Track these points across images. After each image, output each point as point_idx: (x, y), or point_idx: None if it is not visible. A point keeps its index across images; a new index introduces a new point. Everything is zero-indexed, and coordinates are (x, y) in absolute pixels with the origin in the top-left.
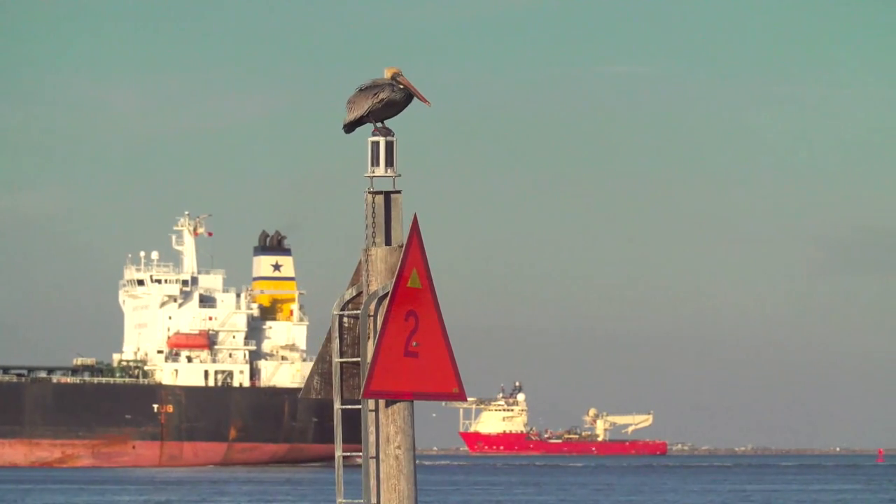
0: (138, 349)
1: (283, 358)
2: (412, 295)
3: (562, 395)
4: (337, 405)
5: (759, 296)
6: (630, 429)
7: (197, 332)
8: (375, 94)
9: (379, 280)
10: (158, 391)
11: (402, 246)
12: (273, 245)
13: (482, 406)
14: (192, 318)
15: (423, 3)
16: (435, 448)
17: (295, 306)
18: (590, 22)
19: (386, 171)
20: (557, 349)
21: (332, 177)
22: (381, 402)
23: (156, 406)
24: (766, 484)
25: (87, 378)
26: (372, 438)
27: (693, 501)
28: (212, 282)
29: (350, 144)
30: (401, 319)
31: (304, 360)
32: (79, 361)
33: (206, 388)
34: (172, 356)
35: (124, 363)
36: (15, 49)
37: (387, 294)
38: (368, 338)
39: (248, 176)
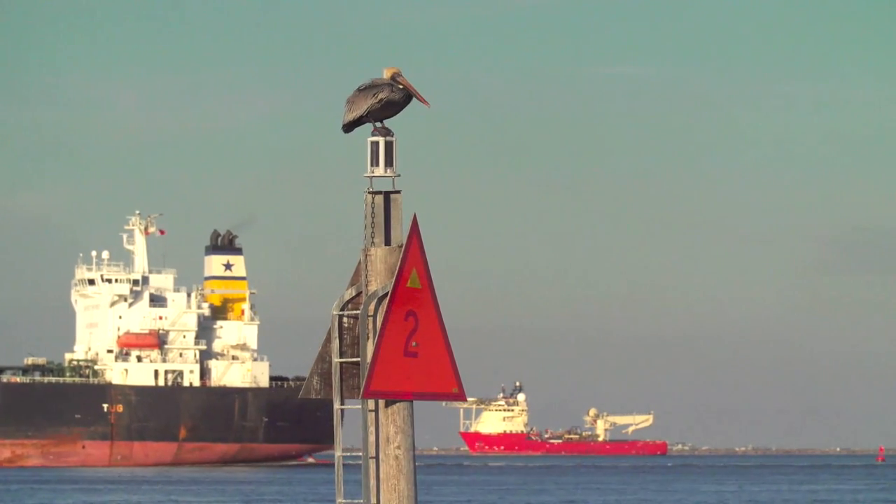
0: (89, 349)
1: (234, 357)
2: (412, 295)
3: (562, 395)
4: (337, 405)
5: (759, 296)
6: (630, 429)
7: (147, 331)
8: (374, 93)
9: (378, 280)
10: (108, 391)
11: (401, 246)
12: (224, 244)
13: (482, 406)
14: (142, 318)
15: (423, 3)
16: (435, 448)
17: (246, 306)
18: (590, 22)
19: (385, 171)
20: (558, 349)
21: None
22: (381, 402)
23: (106, 406)
24: (765, 484)
25: (37, 378)
26: (372, 438)
27: (693, 501)
28: (163, 281)
29: (348, 144)
30: (400, 319)
31: (255, 359)
32: (30, 361)
33: (156, 388)
34: (122, 356)
35: (75, 363)
36: (15, 49)
37: (386, 294)
38: (368, 338)
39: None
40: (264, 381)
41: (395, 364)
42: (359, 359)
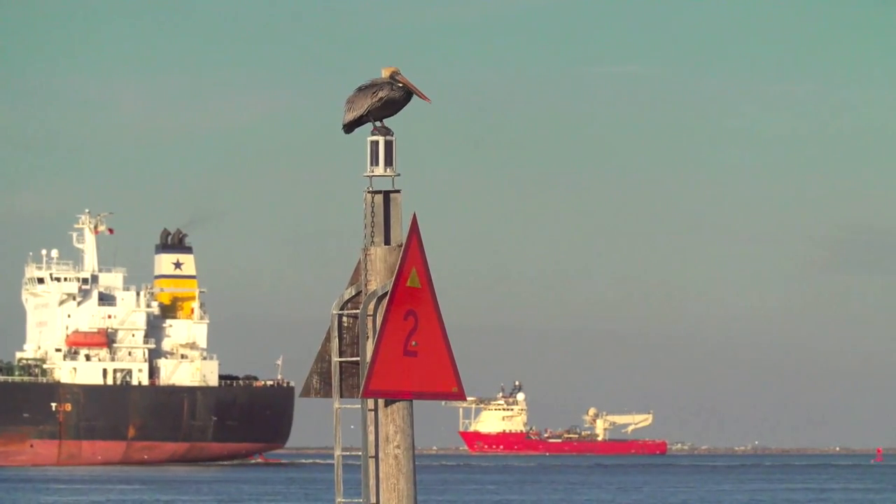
0: (39, 347)
1: (183, 356)
2: (411, 294)
3: (562, 395)
4: (336, 404)
5: (759, 295)
6: (630, 428)
7: (96, 330)
8: (374, 92)
9: (378, 279)
10: (57, 389)
11: (401, 245)
12: (175, 243)
13: (482, 405)
14: (91, 317)
15: (423, 3)
16: (434, 447)
17: (196, 304)
18: (590, 22)
19: (385, 171)
20: (557, 349)
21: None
22: (381, 402)
23: (54, 405)
24: (765, 483)
25: None
26: (371, 438)
27: (693, 500)
28: (112, 280)
29: (347, 143)
30: (400, 319)
31: (205, 358)
32: None
33: (104, 387)
34: (71, 354)
35: (24, 361)
36: (16, 49)
37: (386, 293)
38: (367, 337)
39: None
40: (213, 380)
41: (394, 363)
42: (358, 358)
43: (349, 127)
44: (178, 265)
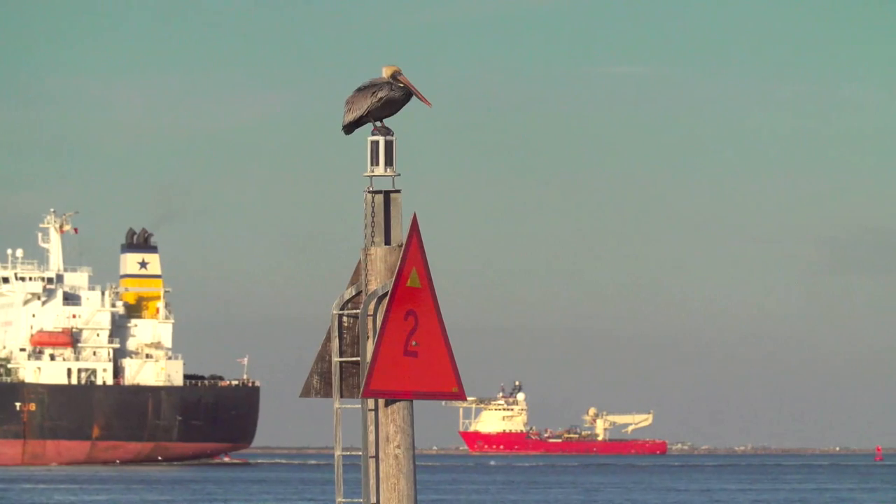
0: (3, 347)
1: (148, 356)
2: (412, 294)
3: (562, 395)
4: (336, 404)
5: (759, 295)
6: (630, 428)
7: (60, 329)
8: (374, 92)
9: (378, 279)
10: (21, 389)
11: (401, 245)
12: (140, 243)
13: (482, 405)
14: (55, 316)
15: (423, 3)
16: (434, 447)
17: (161, 304)
18: (590, 22)
19: (385, 171)
20: (557, 349)
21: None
22: (381, 402)
23: (18, 404)
24: (765, 483)
25: None
26: (371, 438)
27: (693, 500)
28: (77, 279)
29: (347, 143)
30: (400, 319)
31: (170, 357)
32: None
33: (68, 387)
34: (36, 354)
35: None
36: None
37: (386, 293)
38: (368, 337)
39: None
40: (178, 380)
41: (394, 363)
42: (358, 358)
43: (349, 128)
44: (143, 265)
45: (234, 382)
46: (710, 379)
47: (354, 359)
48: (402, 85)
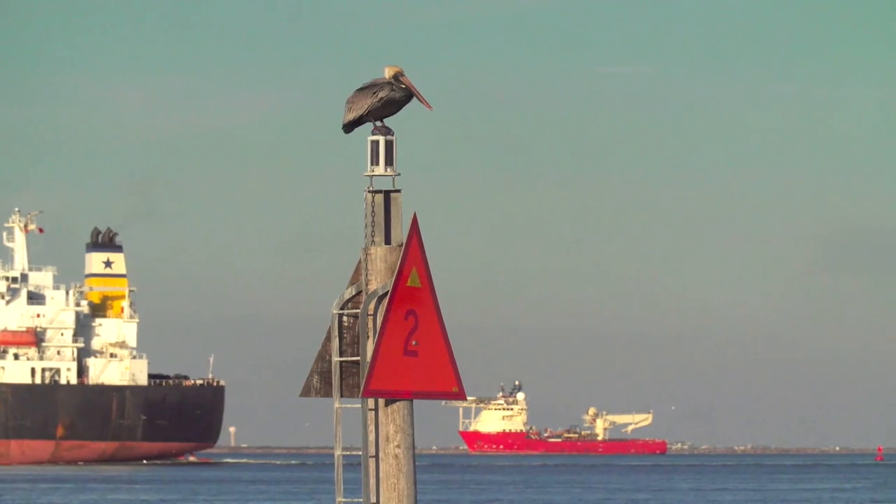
0: None
1: (113, 355)
2: (412, 294)
3: (561, 394)
4: (336, 404)
5: (759, 295)
6: (630, 428)
7: (24, 329)
8: (374, 92)
9: (378, 279)
10: None
11: (401, 245)
12: (105, 242)
13: (482, 405)
14: (19, 316)
15: (423, 3)
16: (434, 447)
17: (126, 303)
18: (590, 22)
19: (385, 171)
20: (557, 348)
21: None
22: (381, 401)
23: None
24: (765, 483)
25: None
26: (371, 437)
27: (692, 501)
28: (41, 279)
29: (347, 143)
30: (400, 318)
31: (134, 357)
32: None
33: (32, 386)
34: (0, 353)
35: None
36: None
37: (386, 293)
38: (368, 337)
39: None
40: (143, 379)
41: (394, 363)
42: (358, 358)
43: (349, 127)
44: (108, 264)
45: (199, 382)
46: (710, 378)
47: (354, 358)
48: (403, 86)
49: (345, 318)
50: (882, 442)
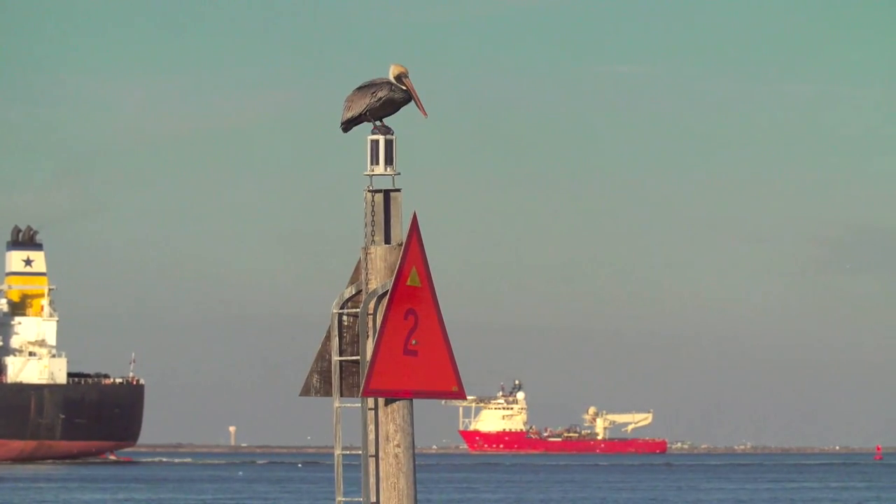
0: None
1: (32, 354)
2: (411, 293)
3: (561, 394)
4: (336, 403)
5: (759, 294)
6: (630, 427)
7: None
8: (373, 92)
9: (378, 278)
10: None
11: (401, 244)
12: (25, 240)
13: (482, 404)
14: None
15: (424, 3)
16: (434, 446)
17: (45, 301)
18: (590, 22)
19: (385, 170)
20: (557, 347)
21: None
22: (381, 401)
23: None
24: (764, 482)
25: None
26: (371, 437)
27: (691, 500)
28: None
29: (347, 142)
30: (400, 318)
31: (54, 356)
32: None
33: None
34: None
35: None
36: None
37: (386, 292)
38: (368, 336)
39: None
40: (62, 378)
41: (394, 362)
42: (358, 357)
43: (347, 125)
44: (28, 262)
45: (119, 380)
46: (710, 377)
47: (354, 358)
48: (403, 87)
49: (345, 318)
50: (881, 441)
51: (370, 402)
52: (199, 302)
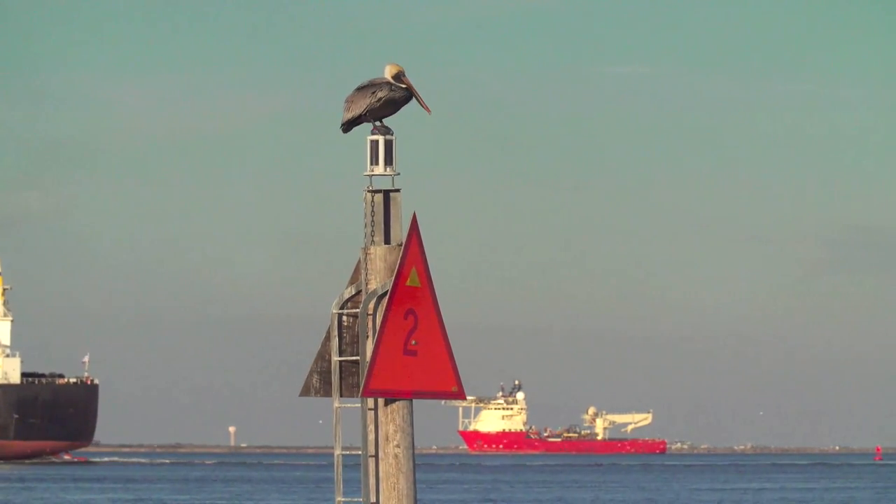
0: None
1: None
2: (411, 293)
3: (561, 394)
4: (336, 403)
5: (759, 295)
6: (629, 427)
7: None
8: (373, 92)
9: (378, 278)
10: None
11: (401, 244)
12: None
13: (481, 405)
14: None
15: (423, 3)
16: (434, 447)
17: None
18: (590, 22)
19: (385, 170)
20: (557, 347)
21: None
22: (380, 401)
23: None
24: (764, 482)
25: None
26: (371, 437)
27: (691, 501)
28: None
29: (347, 143)
30: (400, 318)
31: (8, 355)
32: None
33: None
34: None
35: None
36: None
37: (386, 293)
38: (367, 336)
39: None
40: (15, 378)
41: (394, 362)
42: (358, 357)
43: (347, 126)
44: None
45: (73, 380)
46: (710, 377)
47: (354, 358)
48: (403, 86)
49: (344, 318)
50: (881, 442)
51: (370, 402)
52: (199, 302)
